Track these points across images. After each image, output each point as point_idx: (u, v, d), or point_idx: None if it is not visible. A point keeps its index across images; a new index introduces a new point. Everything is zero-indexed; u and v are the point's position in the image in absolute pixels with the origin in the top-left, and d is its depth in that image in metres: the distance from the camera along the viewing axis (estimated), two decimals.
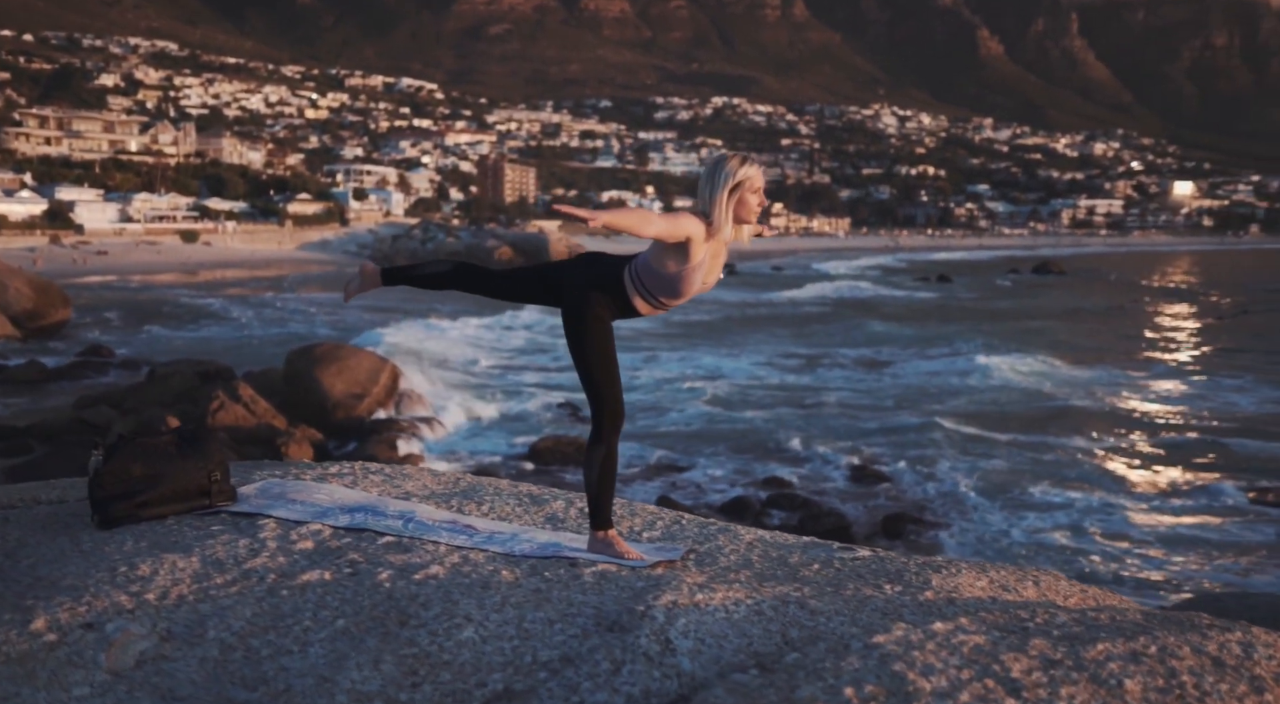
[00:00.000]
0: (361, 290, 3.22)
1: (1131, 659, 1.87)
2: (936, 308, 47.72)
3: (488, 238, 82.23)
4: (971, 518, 14.21)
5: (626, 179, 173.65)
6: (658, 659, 2.16)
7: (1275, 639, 2.12)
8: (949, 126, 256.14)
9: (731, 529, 3.26)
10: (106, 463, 2.98)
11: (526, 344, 31.05)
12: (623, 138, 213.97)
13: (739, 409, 21.22)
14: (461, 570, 2.64)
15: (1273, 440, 18.56)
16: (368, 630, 2.30)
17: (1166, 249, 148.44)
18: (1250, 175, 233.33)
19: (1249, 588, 11.47)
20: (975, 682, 1.89)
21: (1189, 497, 15.30)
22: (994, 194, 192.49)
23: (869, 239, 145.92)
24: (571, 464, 16.50)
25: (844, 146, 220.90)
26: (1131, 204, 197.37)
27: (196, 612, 2.36)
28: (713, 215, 2.85)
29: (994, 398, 22.59)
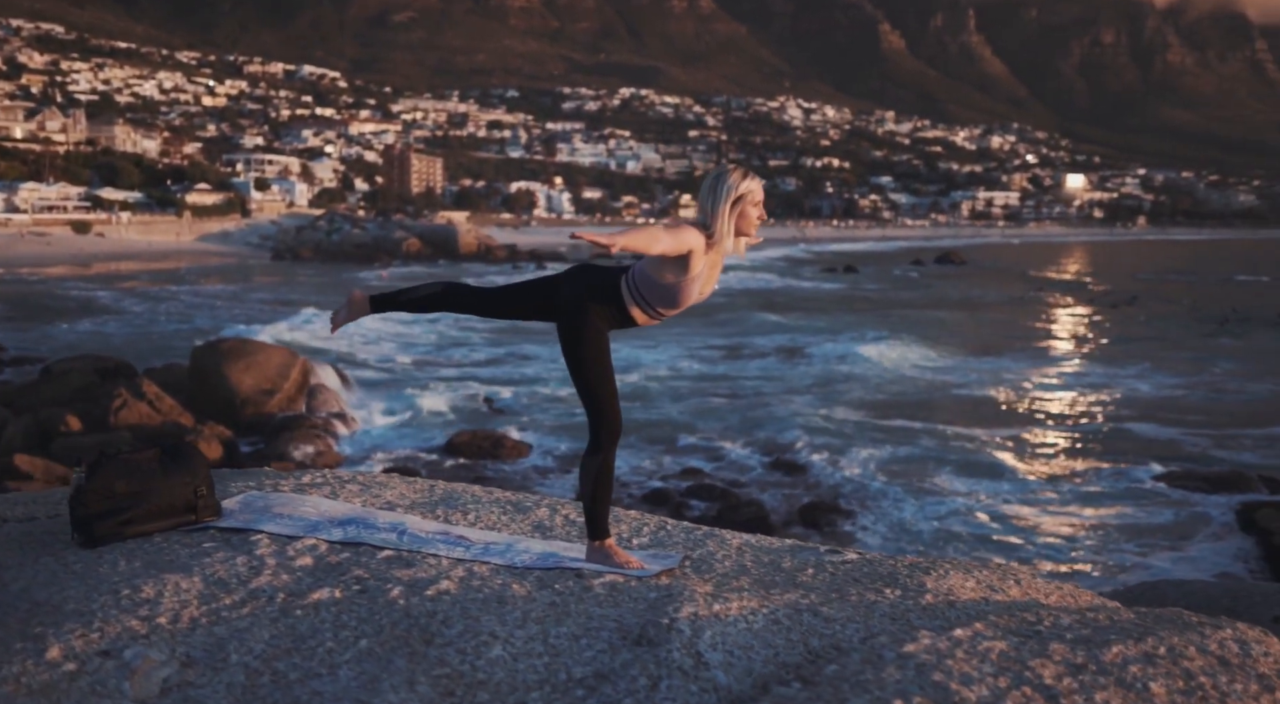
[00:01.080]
0: (350, 319, 3.18)
1: (1148, 661, 1.96)
2: (844, 298, 48.57)
3: (395, 229, 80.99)
4: (883, 506, 14.50)
5: (535, 170, 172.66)
6: (692, 673, 2.17)
7: (1259, 634, 2.20)
8: (852, 119, 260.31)
9: (718, 534, 3.30)
10: (89, 480, 2.91)
11: (440, 338, 30.72)
12: (530, 128, 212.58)
13: (656, 400, 21.34)
14: (471, 585, 2.62)
15: (1172, 425, 19.32)
16: (394, 650, 2.27)
17: (1060, 240, 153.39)
18: (1137, 169, 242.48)
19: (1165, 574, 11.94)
20: (1014, 689, 1.96)
21: (1097, 482, 15.83)
22: (896, 186, 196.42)
23: (776, 230, 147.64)
24: (489, 457, 16.44)
25: (751, 138, 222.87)
26: (1027, 196, 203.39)
27: (213, 635, 2.31)
28: (714, 228, 2.87)
29: (901, 387, 23.10)
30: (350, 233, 79.54)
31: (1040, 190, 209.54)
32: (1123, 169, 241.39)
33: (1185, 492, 15.15)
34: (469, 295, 3.10)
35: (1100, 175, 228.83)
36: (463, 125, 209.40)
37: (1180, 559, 12.89)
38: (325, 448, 16.24)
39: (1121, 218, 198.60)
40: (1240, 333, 34.59)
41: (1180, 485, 15.47)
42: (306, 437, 16.49)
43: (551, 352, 27.09)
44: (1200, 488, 15.33)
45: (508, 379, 23.13)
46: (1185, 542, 13.45)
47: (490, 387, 22.04)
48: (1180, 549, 13.24)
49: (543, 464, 16.45)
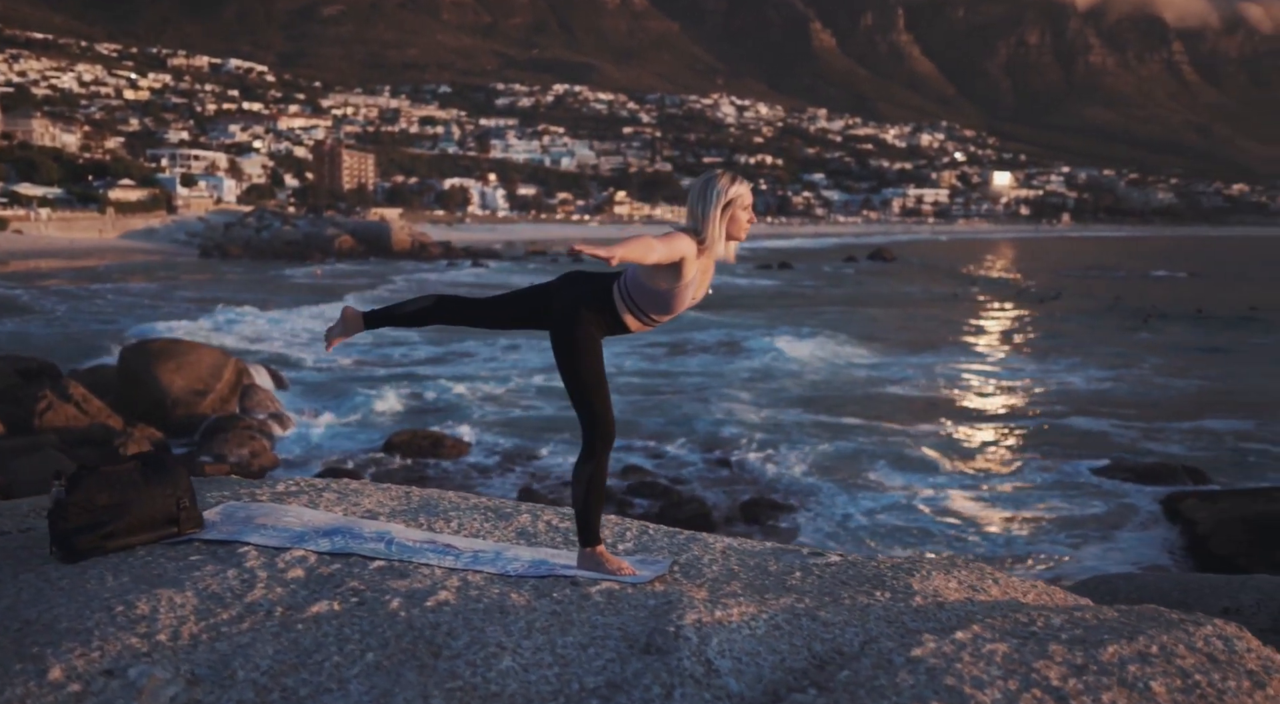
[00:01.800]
0: (345, 335, 3.17)
1: (1144, 660, 2.01)
2: (780, 295, 48.95)
3: (327, 226, 79.80)
4: (821, 501, 14.63)
5: (468, 166, 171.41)
6: (704, 681, 2.18)
7: (1236, 630, 2.26)
8: (785, 116, 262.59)
9: (700, 538, 3.31)
10: (70, 494, 2.85)
11: (377, 337, 30.32)
12: (463, 124, 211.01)
13: None
14: (470, 595, 2.61)
15: (1103, 418, 19.78)
16: (402, 663, 2.26)
17: (988, 236, 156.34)
18: (1062, 167, 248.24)
19: (1097, 564, 12.21)
20: (1025, 692, 2.00)
21: (1029, 475, 16.10)
22: (829, 183, 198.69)
23: None
24: (430, 456, 16.29)
25: (685, 135, 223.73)
26: (956, 193, 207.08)
27: (215, 651, 2.28)
28: (705, 233, 2.88)
29: (836, 383, 23.34)
30: (281, 230, 78.22)
31: (969, 188, 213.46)
32: (1047, 167, 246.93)
33: (1115, 483, 15.50)
34: (461, 307, 3.09)
35: (1026, 173, 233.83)
36: (395, 121, 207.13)
37: (1110, 549, 13.17)
38: (260, 449, 15.94)
39: (1047, 215, 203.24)
40: (1161, 328, 35.56)
41: (1110, 477, 15.82)
42: (240, 438, 16.16)
43: (490, 350, 26.95)
44: (1129, 479, 15.70)
45: (448, 377, 22.91)
46: (1115, 532, 13.74)
47: (430, 385, 21.81)
48: (1110, 540, 13.51)
49: (484, 462, 16.34)
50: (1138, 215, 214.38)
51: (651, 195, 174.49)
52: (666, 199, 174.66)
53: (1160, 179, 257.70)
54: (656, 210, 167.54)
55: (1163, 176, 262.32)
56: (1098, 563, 12.56)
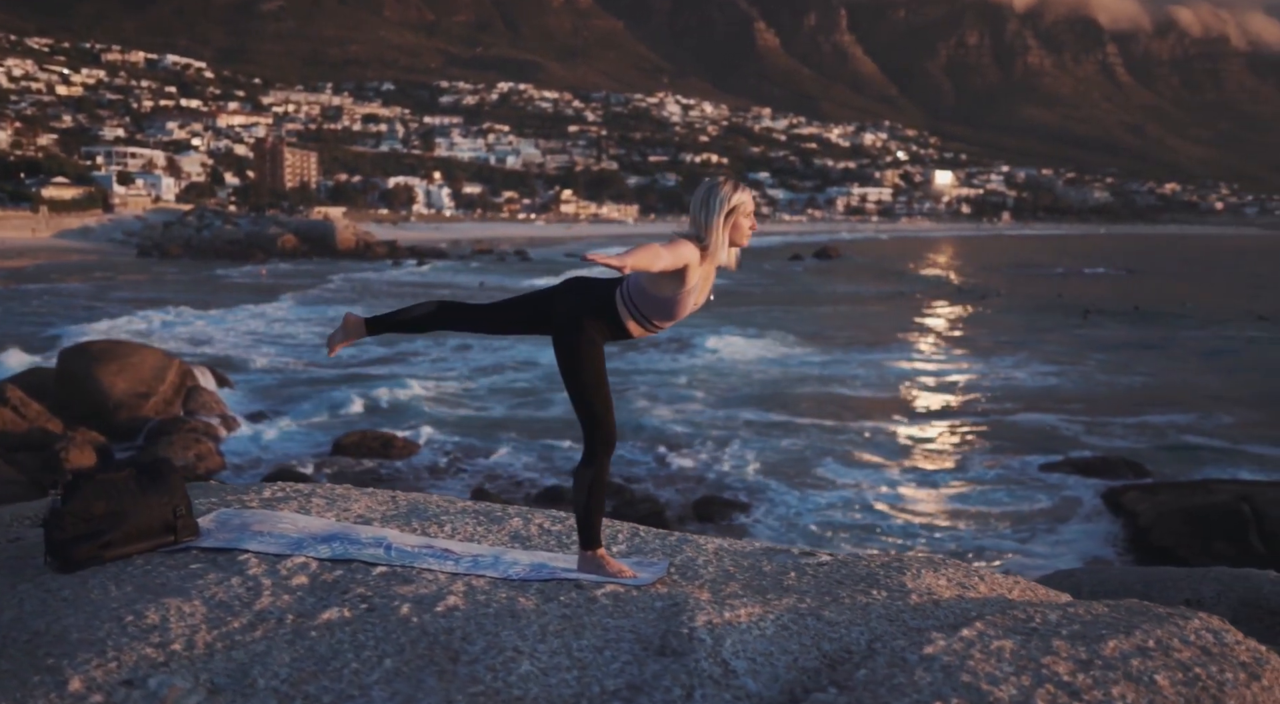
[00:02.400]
0: (346, 341, 3.16)
1: (1144, 654, 2.06)
2: (727, 293, 49.13)
3: (269, 225, 78.58)
4: (771, 499, 14.72)
5: (413, 164, 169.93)
6: (723, 682, 2.21)
7: (1219, 623, 2.32)
8: (730, 115, 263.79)
9: (691, 539, 3.35)
10: (66, 503, 2.81)
11: (311, 336, 29.92)
12: (407, 122, 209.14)
13: (551, 397, 21.27)
14: (478, 599, 2.62)
15: (1049, 413, 20.13)
16: (421, 669, 2.26)
17: (931, 235, 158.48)
18: (1001, 166, 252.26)
19: (1044, 558, 12.41)
20: (1038, 688, 2.04)
21: (976, 470, 16.33)
22: (774, 182, 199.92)
23: (658, 225, 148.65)
24: (379, 457, 16.13)
25: (630, 134, 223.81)
26: (899, 192, 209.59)
27: (232, 660, 2.27)
28: (709, 240, 2.90)
29: (784, 381, 23.49)
30: (222, 229, 76.93)
31: (911, 186, 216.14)
32: (988, 166, 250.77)
33: (1060, 477, 15.80)
34: (463, 312, 3.13)
35: (967, 172, 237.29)
36: (337, 118, 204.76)
37: (1057, 543, 13.42)
38: (206, 452, 15.66)
39: (987, 213, 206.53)
40: (1100, 324, 36.28)
41: (1054, 471, 16.11)
42: (185, 441, 15.87)
43: (440, 350, 26.74)
44: (1072, 473, 16.00)
45: (397, 378, 22.69)
46: (1060, 526, 13.99)
47: (379, 386, 21.59)
48: (1056, 533, 13.76)
49: (435, 462, 16.23)
50: (1075, 214, 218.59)
51: (598, 194, 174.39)
52: (613, 197, 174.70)
53: (1096, 178, 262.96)
54: (603, 209, 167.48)
55: (1099, 176, 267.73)
56: (1045, 556, 12.79)
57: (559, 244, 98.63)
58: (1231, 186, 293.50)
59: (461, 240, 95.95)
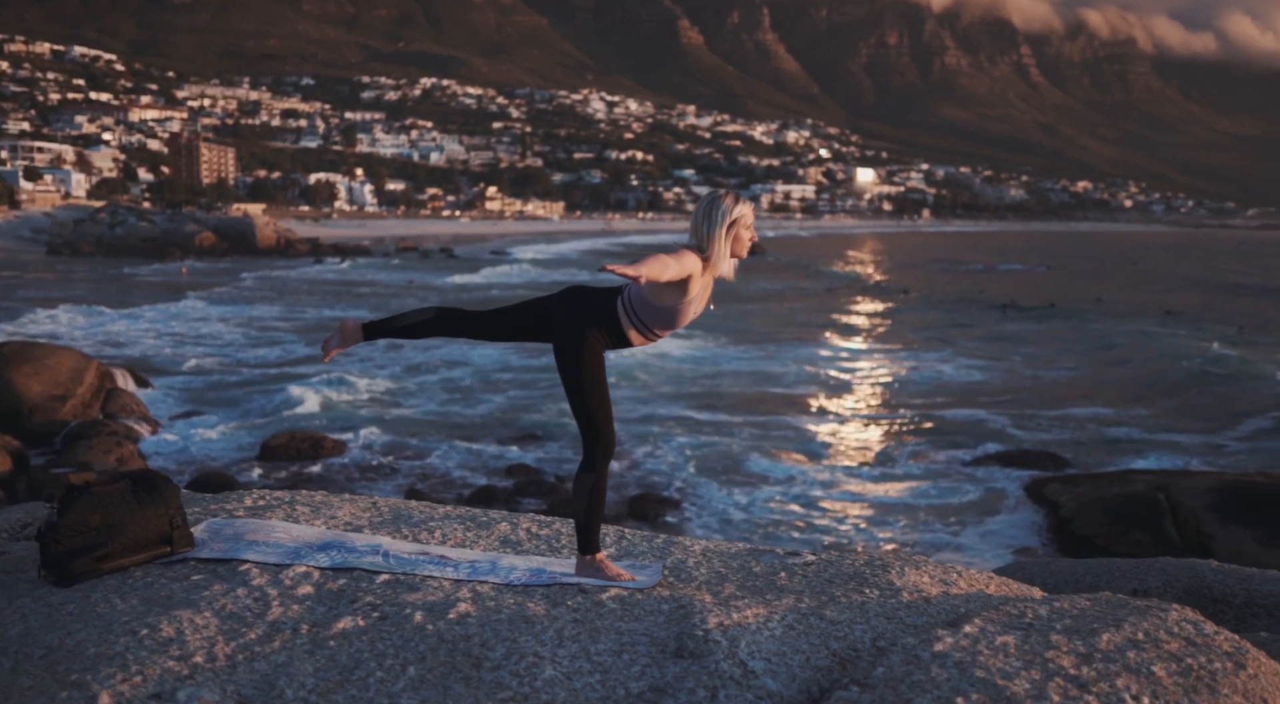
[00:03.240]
0: (343, 347, 3.15)
1: (1136, 646, 2.13)
2: None
3: (187, 222, 76.65)
4: (705, 496, 14.81)
5: (334, 161, 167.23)
6: (744, 682, 2.25)
7: (1193, 614, 2.41)
8: (655, 113, 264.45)
9: (677, 541, 3.40)
10: (62, 516, 2.78)
11: (245, 338, 29.28)
12: (328, 118, 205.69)
13: (482, 394, 21.12)
14: (487, 606, 2.64)
15: (977, 407, 20.54)
16: (446, 676, 2.28)
17: (854, 231, 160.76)
18: (921, 164, 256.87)
19: (974, 550, 12.64)
20: (1049, 681, 2.12)
21: (905, 464, 16.62)
22: (699, 179, 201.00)
23: (583, 222, 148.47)
24: (307, 459, 15.85)
25: (555, 131, 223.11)
26: (822, 189, 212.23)
27: (256, 671, 2.27)
28: (710, 251, 2.94)
29: (713, 378, 23.62)
30: (136, 226, 74.80)
31: (834, 184, 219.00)
32: (908, 164, 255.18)
33: (987, 469, 16.14)
34: (462, 319, 3.12)
35: (888, 170, 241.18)
36: (255, 113, 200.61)
37: (986, 534, 13.71)
38: (128, 455, 15.25)
39: (908, 210, 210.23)
40: (1019, 319, 37.14)
41: (981, 464, 16.45)
42: (106, 445, 15.43)
43: (368, 350, 26.33)
44: (998, 466, 16.36)
45: (326, 377, 22.31)
46: (987, 518, 14.29)
47: (308, 385, 21.20)
48: (984, 525, 14.05)
49: (366, 461, 16.01)
50: (992, 211, 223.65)
51: (523, 191, 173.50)
52: (538, 195, 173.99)
53: (1012, 176, 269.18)
54: (528, 206, 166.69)
55: (1014, 174, 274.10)
56: (976, 548, 13.07)
57: (485, 241, 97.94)
58: (1139, 185, 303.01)
59: (385, 238, 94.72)
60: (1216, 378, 23.73)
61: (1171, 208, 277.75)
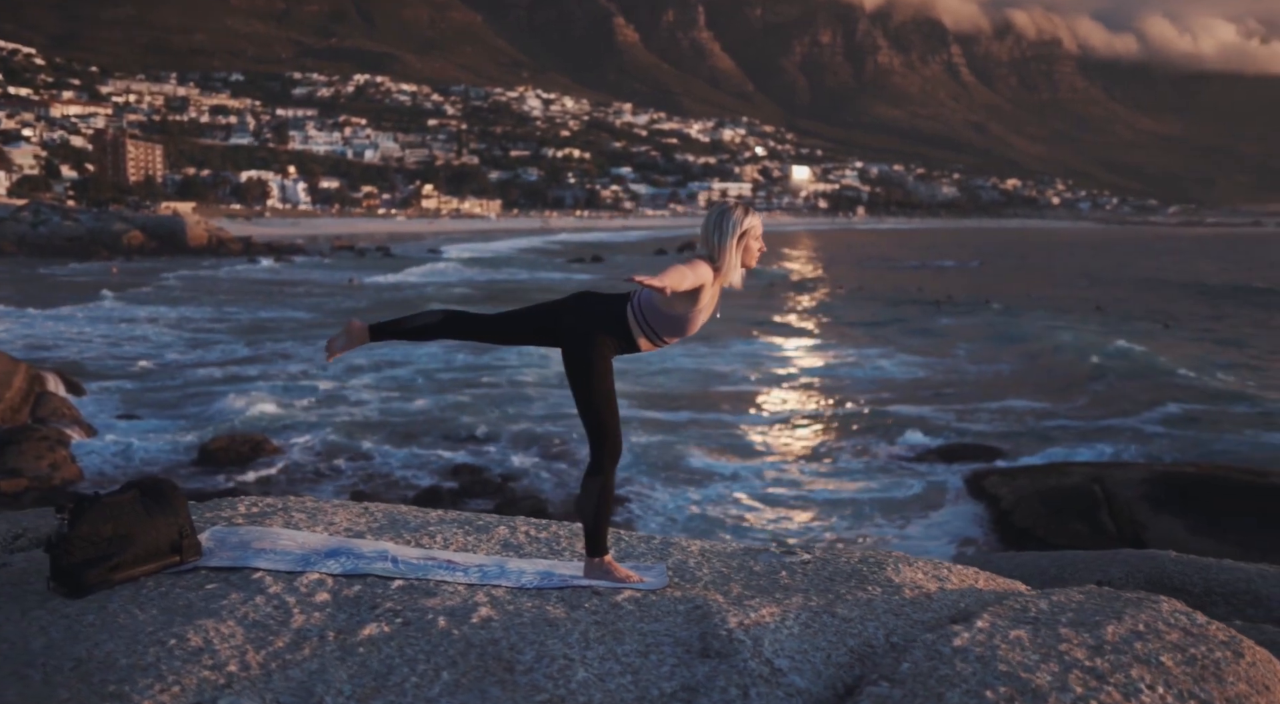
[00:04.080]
0: (348, 348, 3.15)
1: (1140, 638, 2.20)
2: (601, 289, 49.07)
3: (114, 220, 74.80)
4: (650, 493, 14.84)
5: (266, 158, 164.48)
6: (773, 680, 2.30)
7: (1182, 605, 2.50)
8: (591, 110, 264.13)
9: (673, 542, 3.44)
10: (73, 527, 2.77)
11: (177, 340, 28.66)
12: (259, 114, 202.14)
13: (423, 393, 20.93)
14: (507, 610, 2.67)
15: (917, 402, 20.82)
16: (480, 680, 2.30)
17: (791, 228, 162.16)
18: (855, 162, 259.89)
19: (920, 543, 12.81)
20: (1067, 673, 2.19)
21: (849, 460, 16.80)
22: (636, 177, 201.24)
23: (520, 220, 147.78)
24: (248, 462, 15.58)
25: (491, 128, 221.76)
26: (759, 187, 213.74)
27: (291, 679, 2.27)
28: (721, 262, 3.01)
29: (656, 376, 23.64)
30: (61, 225, 72.77)
31: (770, 181, 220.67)
32: (842, 162, 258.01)
33: (928, 464, 16.38)
34: (470, 322, 3.14)
35: (823, 168, 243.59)
36: (183, 109, 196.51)
37: (930, 526, 13.93)
38: (61, 461, 14.85)
39: (843, 207, 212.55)
40: (955, 315, 37.76)
41: (923, 459, 16.70)
42: (37, 450, 15.00)
43: (310, 351, 25.95)
44: (939, 460, 16.62)
45: (265, 378, 21.93)
46: (931, 511, 14.51)
47: (247, 387, 20.82)
48: (928, 518, 14.26)
49: (308, 463, 15.79)
50: (926, 208, 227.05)
51: (460, 189, 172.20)
52: (475, 192, 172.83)
53: (944, 174, 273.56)
54: (465, 204, 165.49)
55: (946, 172, 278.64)
56: (920, 539, 13.26)
57: (421, 239, 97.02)
58: (1066, 182, 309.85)
59: (320, 236, 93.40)
60: (1122, 372, 24.33)
61: (1097, 205, 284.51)
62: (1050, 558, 4.96)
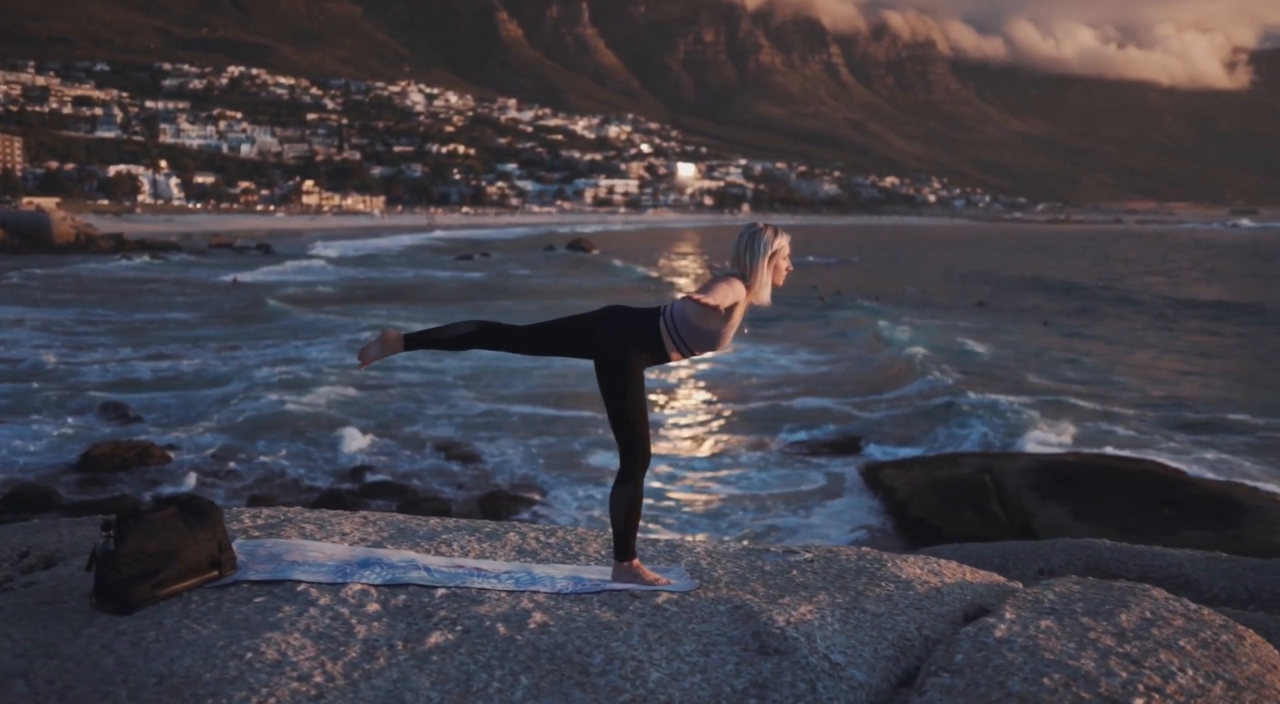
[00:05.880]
0: (382, 356, 3.21)
1: (1153, 624, 2.32)
2: (488, 288, 48.67)
3: None
4: (555, 493, 14.80)
5: (135, 152, 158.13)
6: (834, 674, 2.39)
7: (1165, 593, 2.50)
8: (475, 106, 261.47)
9: (678, 543, 3.52)
10: (119, 544, 2.80)
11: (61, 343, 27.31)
12: (126, 106, 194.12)
13: (312, 388, 20.42)
14: (558, 615, 2.73)
15: (826, 397, 21.19)
16: (559, 684, 2.35)
17: (677, 225, 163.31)
18: (739, 160, 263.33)
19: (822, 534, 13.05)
20: (1107, 658, 2.32)
21: (749, 455, 17.00)
22: (522, 173, 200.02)
23: (405, 217, 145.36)
24: (134, 468, 14.94)
25: (373, 123, 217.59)
26: (645, 184, 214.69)
27: (376, 688, 2.31)
28: (753, 281, 3.18)
29: (555, 376, 23.54)
30: None
31: (656, 178, 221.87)
32: (727, 159, 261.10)
33: (826, 457, 16.72)
34: (504, 334, 3.23)
35: (708, 165, 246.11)
36: (43, 100, 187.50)
37: (830, 517, 14.22)
38: None
39: (729, 204, 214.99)
40: (842, 309, 38.58)
41: (819, 452, 17.04)
42: None
43: (201, 353, 25.01)
44: (835, 453, 16.98)
45: (154, 381, 21.08)
46: (830, 502, 14.82)
47: (130, 390, 19.97)
48: (828, 509, 14.56)
49: (200, 467, 15.25)
50: (808, 205, 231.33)
51: (341, 185, 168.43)
52: (358, 188, 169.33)
53: (826, 172, 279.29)
54: (347, 200, 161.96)
55: (828, 170, 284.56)
56: (823, 529, 13.53)
57: (303, 236, 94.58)
58: (942, 181, 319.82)
59: (195, 233, 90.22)
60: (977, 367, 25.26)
61: (971, 203, 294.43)
62: (993, 548, 5.15)
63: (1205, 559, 4.83)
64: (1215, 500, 13.36)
